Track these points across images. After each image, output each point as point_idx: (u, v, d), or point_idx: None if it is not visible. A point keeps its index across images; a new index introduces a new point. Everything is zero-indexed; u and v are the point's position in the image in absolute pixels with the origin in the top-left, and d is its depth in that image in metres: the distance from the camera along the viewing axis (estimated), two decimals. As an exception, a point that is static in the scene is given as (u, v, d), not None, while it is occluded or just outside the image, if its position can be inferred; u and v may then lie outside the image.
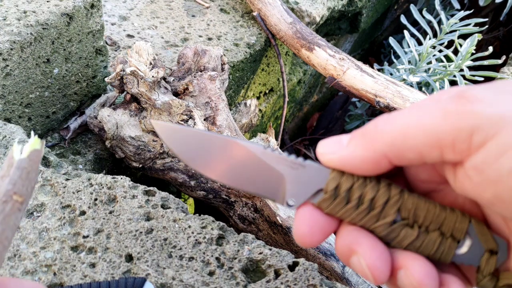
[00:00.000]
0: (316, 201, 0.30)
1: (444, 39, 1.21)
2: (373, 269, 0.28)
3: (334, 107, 1.79)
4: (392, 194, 0.29)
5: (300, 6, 1.13)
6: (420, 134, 0.26)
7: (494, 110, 0.24)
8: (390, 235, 0.29)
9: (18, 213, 0.26)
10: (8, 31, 0.62)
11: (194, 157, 0.32)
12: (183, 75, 0.75)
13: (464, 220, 0.29)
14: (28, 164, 0.27)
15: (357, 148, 0.29)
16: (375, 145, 0.28)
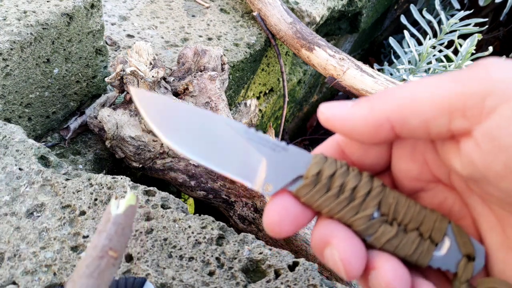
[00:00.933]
0: (295, 189, 0.28)
1: (444, 39, 1.21)
2: (346, 263, 0.27)
3: (334, 107, 1.79)
4: (374, 186, 0.28)
5: (300, 6, 1.13)
6: (429, 98, 0.25)
7: (508, 75, 0.24)
8: (368, 231, 0.28)
9: (113, 269, 0.26)
10: (8, 31, 0.62)
11: (170, 130, 0.29)
12: (183, 75, 0.75)
13: (443, 221, 0.28)
14: (124, 220, 0.28)
15: (361, 109, 0.27)
16: (380, 106, 0.27)
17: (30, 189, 0.51)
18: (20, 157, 0.54)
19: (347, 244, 0.27)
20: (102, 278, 0.26)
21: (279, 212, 0.28)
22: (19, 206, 0.49)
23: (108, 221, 0.28)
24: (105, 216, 0.28)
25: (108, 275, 0.26)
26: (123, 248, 0.27)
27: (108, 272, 0.26)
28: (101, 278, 0.26)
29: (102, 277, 0.26)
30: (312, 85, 1.54)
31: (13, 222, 0.48)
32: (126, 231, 0.28)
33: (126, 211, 0.28)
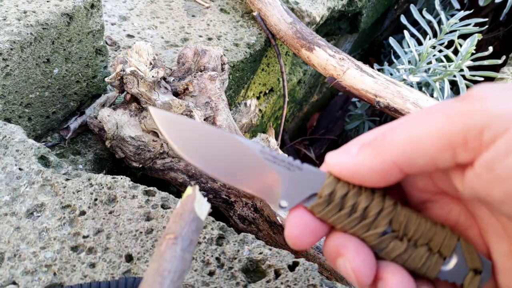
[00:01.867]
0: (309, 205, 0.30)
1: (444, 39, 1.21)
2: (357, 273, 0.29)
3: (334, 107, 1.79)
4: (385, 206, 0.29)
5: (300, 6, 1.13)
6: (431, 138, 0.26)
7: (503, 106, 0.24)
8: (379, 246, 0.30)
9: (174, 246, 0.29)
10: (8, 31, 0.62)
11: (190, 150, 0.31)
12: (183, 75, 0.75)
13: (452, 238, 0.29)
14: (181, 208, 0.31)
15: (365, 158, 0.29)
16: (384, 155, 0.28)
17: (30, 189, 0.51)
18: (20, 157, 0.54)
19: (358, 256, 0.29)
20: (163, 258, 0.29)
21: (298, 226, 0.30)
22: (19, 206, 0.49)
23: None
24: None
25: (169, 254, 0.29)
26: (182, 229, 0.30)
27: (169, 252, 0.29)
28: (162, 258, 0.29)
29: (163, 258, 0.29)
30: (312, 85, 1.54)
31: (13, 222, 0.48)
32: (184, 215, 0.31)
33: (183, 201, 0.32)
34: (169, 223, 0.31)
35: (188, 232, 0.30)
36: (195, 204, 0.31)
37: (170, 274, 0.28)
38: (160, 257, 0.29)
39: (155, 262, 0.29)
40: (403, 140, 0.27)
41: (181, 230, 0.30)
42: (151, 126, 0.71)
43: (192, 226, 0.30)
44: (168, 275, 0.28)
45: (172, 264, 0.28)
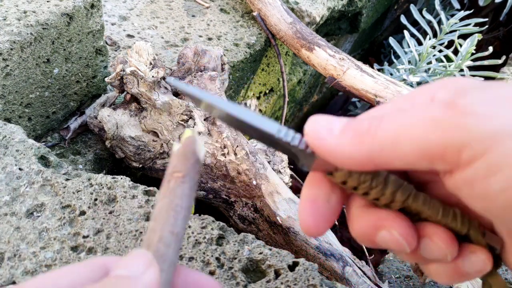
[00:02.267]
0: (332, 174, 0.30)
1: (444, 39, 1.21)
2: (406, 237, 0.29)
3: (334, 107, 1.79)
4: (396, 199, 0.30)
5: (300, 6, 1.13)
6: (409, 145, 0.26)
7: (486, 125, 0.24)
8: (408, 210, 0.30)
9: (183, 184, 0.30)
10: (8, 31, 0.62)
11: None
12: (183, 75, 0.75)
13: (463, 229, 0.30)
14: (183, 148, 0.32)
15: (346, 144, 0.28)
16: (364, 147, 0.27)
17: (30, 189, 0.51)
18: (20, 157, 0.54)
19: (399, 222, 0.30)
20: (174, 194, 0.29)
21: (312, 213, 0.31)
22: (19, 206, 0.49)
23: (172, 157, 0.32)
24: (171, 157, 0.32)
25: (179, 191, 0.30)
26: (189, 167, 0.31)
27: (179, 189, 0.30)
28: (173, 194, 0.29)
29: (174, 194, 0.29)
30: (312, 85, 1.54)
31: (13, 222, 0.48)
32: (188, 154, 0.31)
33: (184, 142, 0.32)
34: (173, 161, 0.31)
35: (193, 172, 0.31)
36: (196, 146, 0.32)
37: (182, 210, 0.29)
38: (170, 193, 0.30)
39: (166, 198, 0.29)
40: (384, 138, 0.27)
41: (187, 170, 0.31)
42: (151, 126, 0.71)
43: (196, 167, 0.32)
44: (180, 211, 0.29)
45: (183, 200, 0.30)
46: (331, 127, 0.29)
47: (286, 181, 0.77)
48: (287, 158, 0.81)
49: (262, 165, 0.72)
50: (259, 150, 0.79)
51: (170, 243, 0.28)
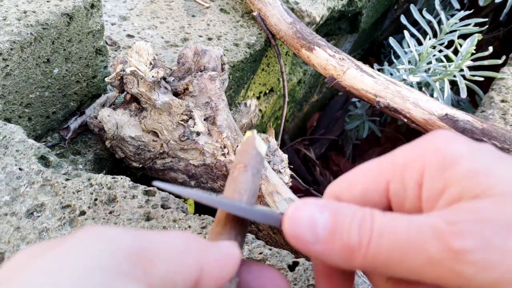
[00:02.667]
0: None
1: (444, 39, 1.21)
2: None
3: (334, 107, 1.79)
4: None
5: (300, 6, 1.13)
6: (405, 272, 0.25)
7: (486, 276, 0.22)
8: None
9: (245, 173, 0.33)
10: (8, 31, 0.62)
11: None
12: (183, 75, 0.75)
13: None
14: (244, 146, 0.36)
15: (334, 255, 0.26)
16: (355, 263, 0.26)
17: (30, 189, 0.51)
18: (20, 157, 0.54)
19: None
20: (238, 181, 0.33)
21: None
22: (19, 206, 0.49)
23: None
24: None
25: (242, 178, 0.33)
26: (250, 160, 0.34)
27: (241, 176, 0.33)
28: (237, 181, 0.33)
29: (237, 180, 0.33)
30: (312, 85, 1.54)
31: (13, 222, 0.48)
32: (249, 150, 0.35)
33: (244, 141, 0.36)
34: (236, 159, 0.35)
35: (254, 163, 0.34)
36: (256, 143, 0.36)
37: (246, 191, 0.32)
38: (234, 180, 0.33)
39: (231, 184, 0.33)
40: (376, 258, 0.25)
41: (248, 160, 0.34)
42: (151, 126, 0.71)
43: (257, 159, 0.35)
44: (244, 193, 0.32)
45: (247, 184, 0.32)
46: (315, 228, 0.26)
47: (286, 181, 0.77)
48: (287, 158, 0.81)
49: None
50: (259, 150, 0.78)
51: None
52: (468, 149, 0.25)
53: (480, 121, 0.81)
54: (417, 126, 0.86)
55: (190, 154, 0.72)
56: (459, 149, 0.25)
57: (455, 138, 0.26)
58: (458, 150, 0.25)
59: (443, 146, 0.26)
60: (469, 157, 0.25)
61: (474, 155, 0.25)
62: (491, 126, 0.80)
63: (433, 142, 0.27)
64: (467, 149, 0.25)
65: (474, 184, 0.24)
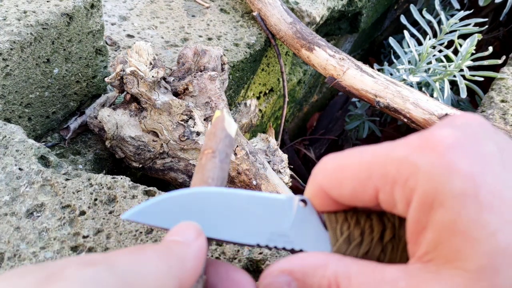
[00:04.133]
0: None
1: (444, 39, 1.21)
2: None
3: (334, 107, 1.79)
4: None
5: (300, 6, 1.13)
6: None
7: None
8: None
9: (213, 159, 0.33)
10: (8, 31, 0.62)
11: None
12: (183, 75, 0.75)
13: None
14: (213, 128, 0.34)
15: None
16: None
17: (30, 189, 0.51)
18: (20, 157, 0.54)
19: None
20: (205, 169, 0.32)
21: None
22: (19, 206, 0.49)
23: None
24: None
25: (210, 165, 0.32)
26: (217, 144, 0.33)
27: (209, 163, 0.32)
28: (204, 169, 0.32)
29: (205, 168, 0.32)
30: (312, 85, 1.54)
31: (13, 222, 0.48)
32: (217, 133, 0.34)
33: (214, 122, 0.35)
34: (205, 142, 0.34)
35: (223, 147, 0.34)
36: (225, 123, 0.35)
37: (214, 180, 0.32)
38: (202, 168, 0.32)
39: (199, 173, 0.32)
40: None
41: (216, 145, 0.33)
42: (151, 126, 0.71)
43: (226, 142, 0.34)
44: (212, 182, 0.31)
45: (214, 172, 0.32)
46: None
47: (286, 181, 0.77)
48: (286, 158, 0.81)
49: (262, 165, 0.72)
50: (259, 150, 0.79)
51: None
52: (461, 190, 0.23)
53: (480, 121, 0.81)
54: (417, 126, 0.86)
55: (190, 154, 0.72)
56: (451, 189, 0.23)
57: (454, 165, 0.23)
58: (449, 190, 0.23)
59: (437, 178, 0.23)
60: (456, 206, 0.23)
61: (462, 203, 0.23)
62: (491, 126, 0.79)
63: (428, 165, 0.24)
64: (460, 189, 0.23)
65: (450, 246, 0.23)
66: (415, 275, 0.24)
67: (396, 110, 0.87)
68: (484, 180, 0.23)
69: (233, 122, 0.35)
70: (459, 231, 0.23)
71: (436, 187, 0.23)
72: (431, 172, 0.24)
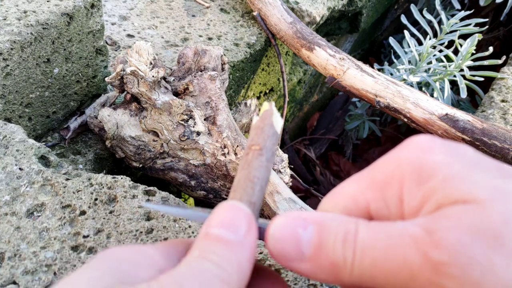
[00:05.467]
0: None
1: (445, 39, 1.21)
2: None
3: (334, 107, 1.79)
4: None
5: (300, 6, 1.13)
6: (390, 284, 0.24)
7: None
8: None
9: (260, 157, 0.32)
10: (8, 31, 0.62)
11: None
12: (183, 75, 0.75)
13: None
14: (261, 121, 0.33)
15: (320, 273, 0.26)
16: (342, 280, 0.25)
17: (30, 189, 0.51)
18: (20, 157, 0.54)
19: None
20: (251, 166, 0.31)
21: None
22: (20, 206, 0.49)
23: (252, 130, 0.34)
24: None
25: (256, 163, 0.31)
26: (265, 141, 0.32)
27: (256, 161, 0.31)
28: (251, 166, 0.31)
29: (251, 166, 0.31)
30: (312, 85, 1.54)
31: (13, 222, 0.48)
32: (265, 129, 0.33)
33: (262, 115, 0.34)
34: (251, 136, 0.33)
35: (270, 145, 0.32)
36: (273, 118, 0.33)
37: (259, 180, 0.31)
38: (248, 165, 0.31)
39: (245, 170, 0.31)
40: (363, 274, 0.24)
41: (264, 142, 0.32)
42: (151, 126, 0.71)
43: (273, 140, 0.33)
44: (257, 182, 0.30)
45: (260, 172, 0.31)
46: (299, 246, 0.26)
47: (286, 180, 0.77)
48: (287, 157, 0.81)
49: (262, 165, 0.72)
50: (259, 150, 0.78)
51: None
52: (444, 157, 0.24)
53: (480, 121, 0.81)
54: (417, 126, 0.86)
55: (190, 154, 0.72)
56: (435, 159, 0.24)
57: (430, 146, 0.25)
58: (434, 160, 0.24)
59: (419, 157, 0.25)
60: (446, 166, 0.24)
61: (450, 162, 0.24)
62: (491, 126, 0.79)
63: (408, 153, 0.25)
64: (443, 157, 0.24)
65: (452, 191, 0.23)
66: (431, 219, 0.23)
67: (396, 110, 0.87)
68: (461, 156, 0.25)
69: (279, 117, 0.34)
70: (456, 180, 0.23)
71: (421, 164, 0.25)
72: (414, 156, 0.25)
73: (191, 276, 0.23)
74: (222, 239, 0.25)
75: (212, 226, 0.26)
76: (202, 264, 0.24)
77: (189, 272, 0.23)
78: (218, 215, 0.26)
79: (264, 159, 0.32)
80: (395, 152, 0.26)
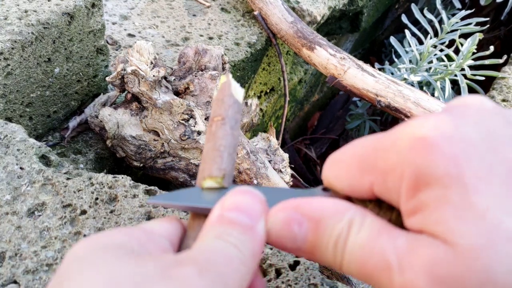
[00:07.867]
0: None
1: (445, 39, 1.20)
2: None
3: (335, 107, 1.79)
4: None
5: (301, 5, 1.13)
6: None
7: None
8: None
9: (223, 126, 0.32)
10: (9, 31, 0.62)
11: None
12: (184, 74, 0.75)
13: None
14: (220, 93, 0.34)
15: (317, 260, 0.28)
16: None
17: (31, 188, 0.51)
18: (21, 156, 0.54)
19: None
20: (216, 136, 0.32)
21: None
22: (20, 205, 0.49)
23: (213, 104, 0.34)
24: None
25: (221, 133, 0.32)
26: (227, 111, 0.33)
27: (220, 131, 0.32)
28: (216, 137, 0.32)
29: (216, 136, 0.32)
30: (313, 85, 1.54)
31: (14, 221, 0.48)
32: (225, 99, 0.33)
33: (220, 88, 0.34)
34: (213, 109, 0.33)
35: (232, 113, 0.33)
36: (232, 89, 0.34)
37: (226, 148, 0.31)
38: (213, 136, 0.32)
39: (210, 142, 0.32)
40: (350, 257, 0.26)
41: (226, 112, 0.33)
42: (152, 126, 0.71)
43: (234, 108, 0.33)
44: (224, 149, 0.31)
45: (226, 140, 0.32)
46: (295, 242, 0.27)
47: (286, 180, 0.77)
48: (287, 157, 0.81)
49: (263, 164, 0.72)
50: (260, 150, 0.79)
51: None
52: (447, 166, 0.23)
53: (481, 120, 0.81)
54: (418, 126, 0.85)
55: (191, 153, 0.72)
56: (435, 171, 0.23)
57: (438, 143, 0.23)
58: (434, 171, 0.23)
59: (420, 157, 0.24)
60: (444, 180, 0.23)
61: (451, 177, 0.23)
62: (492, 126, 0.79)
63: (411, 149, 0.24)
64: (446, 166, 0.23)
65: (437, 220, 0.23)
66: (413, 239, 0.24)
67: (397, 110, 0.87)
68: (468, 163, 0.23)
69: (239, 87, 0.34)
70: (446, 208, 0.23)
71: (420, 170, 0.23)
72: (415, 156, 0.24)
73: (214, 253, 0.24)
74: (237, 222, 0.26)
75: (227, 209, 0.26)
76: (221, 244, 0.25)
77: (211, 249, 0.24)
78: (234, 199, 0.27)
79: (227, 128, 0.32)
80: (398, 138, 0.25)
